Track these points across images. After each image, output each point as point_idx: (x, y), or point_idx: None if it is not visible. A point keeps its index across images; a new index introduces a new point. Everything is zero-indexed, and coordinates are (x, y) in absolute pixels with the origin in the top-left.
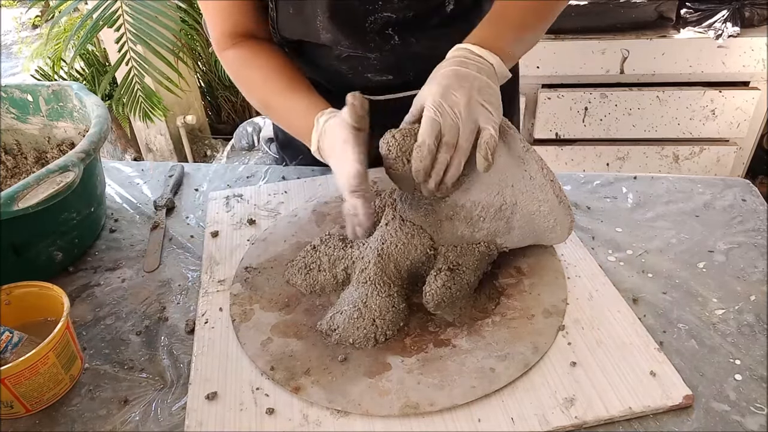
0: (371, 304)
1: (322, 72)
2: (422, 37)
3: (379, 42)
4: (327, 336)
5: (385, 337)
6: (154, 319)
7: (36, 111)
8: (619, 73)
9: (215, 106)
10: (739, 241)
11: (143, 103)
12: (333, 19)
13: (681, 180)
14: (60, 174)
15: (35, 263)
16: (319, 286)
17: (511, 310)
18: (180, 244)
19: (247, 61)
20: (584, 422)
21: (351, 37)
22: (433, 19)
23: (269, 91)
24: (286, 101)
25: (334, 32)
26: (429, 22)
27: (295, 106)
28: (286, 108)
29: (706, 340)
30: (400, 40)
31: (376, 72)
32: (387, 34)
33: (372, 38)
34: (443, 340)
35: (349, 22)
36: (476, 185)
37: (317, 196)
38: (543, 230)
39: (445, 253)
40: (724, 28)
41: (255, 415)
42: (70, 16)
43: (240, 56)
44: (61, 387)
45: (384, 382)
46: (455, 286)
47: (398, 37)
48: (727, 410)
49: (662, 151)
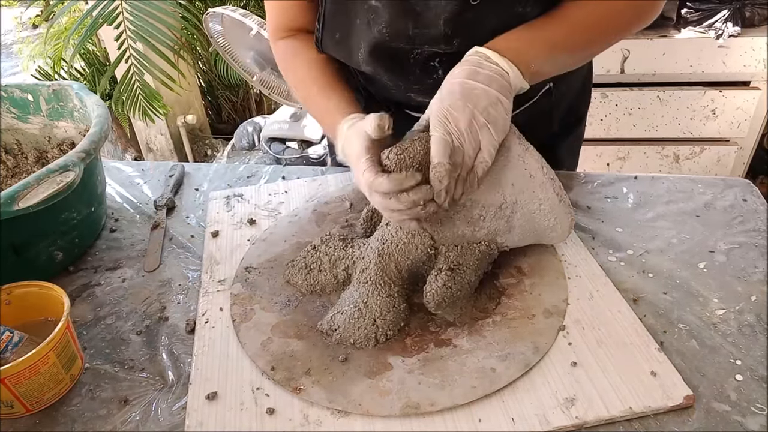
0: (372, 304)
1: (369, 80)
2: None
3: (420, 75)
4: (328, 336)
5: (386, 337)
6: (155, 318)
7: (36, 111)
8: (619, 73)
9: (215, 105)
10: (739, 241)
11: (142, 101)
12: (374, 55)
13: (681, 180)
14: (60, 174)
15: (35, 263)
16: (319, 286)
17: (512, 310)
18: (180, 244)
19: (297, 52)
20: (585, 422)
21: (391, 72)
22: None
23: (310, 84)
24: (322, 99)
25: (374, 66)
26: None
27: (328, 105)
28: (320, 106)
29: (706, 340)
30: (444, 72)
31: (418, 93)
32: (431, 67)
33: (413, 71)
34: (444, 340)
35: (392, 58)
36: None
37: (317, 196)
38: (543, 229)
39: (445, 253)
40: (724, 28)
41: (255, 415)
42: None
43: (290, 47)
44: (62, 387)
45: (385, 382)
46: (456, 286)
47: (442, 71)
48: (728, 410)
49: (663, 151)
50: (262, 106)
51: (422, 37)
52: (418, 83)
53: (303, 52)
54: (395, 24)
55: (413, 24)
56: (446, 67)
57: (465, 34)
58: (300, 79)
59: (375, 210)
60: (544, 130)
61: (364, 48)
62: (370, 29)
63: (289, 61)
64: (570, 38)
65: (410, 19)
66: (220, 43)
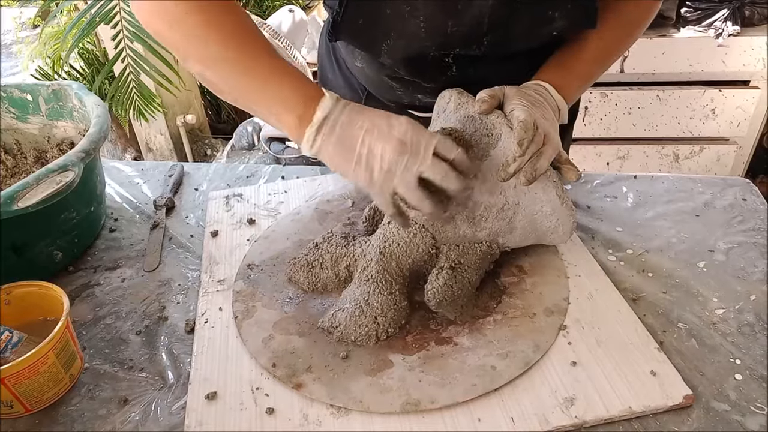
0: (373, 301)
1: (371, 81)
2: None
3: (434, 73)
4: (329, 333)
5: (387, 335)
6: (154, 318)
7: (36, 110)
8: (619, 72)
9: (215, 105)
10: (739, 241)
11: (137, 100)
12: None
13: (681, 179)
14: (60, 173)
15: (35, 263)
16: (321, 283)
17: (513, 309)
18: (180, 244)
19: (228, 9)
20: (584, 422)
21: (413, 67)
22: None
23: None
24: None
25: (398, 60)
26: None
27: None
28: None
29: (706, 339)
30: (458, 71)
31: (426, 94)
32: (445, 64)
33: (428, 68)
34: (445, 338)
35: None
36: (479, 186)
37: (319, 194)
38: (545, 230)
39: (447, 252)
40: (724, 27)
41: (255, 414)
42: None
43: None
44: (61, 387)
45: (385, 380)
46: (457, 285)
47: (456, 68)
48: (728, 410)
49: (662, 150)
50: None
51: (457, 36)
52: (432, 81)
53: (234, 10)
54: (434, 20)
55: (453, 21)
56: (460, 63)
57: (498, 34)
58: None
59: (377, 208)
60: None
61: (393, 39)
62: (406, 22)
63: (212, 13)
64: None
65: (450, 17)
66: None
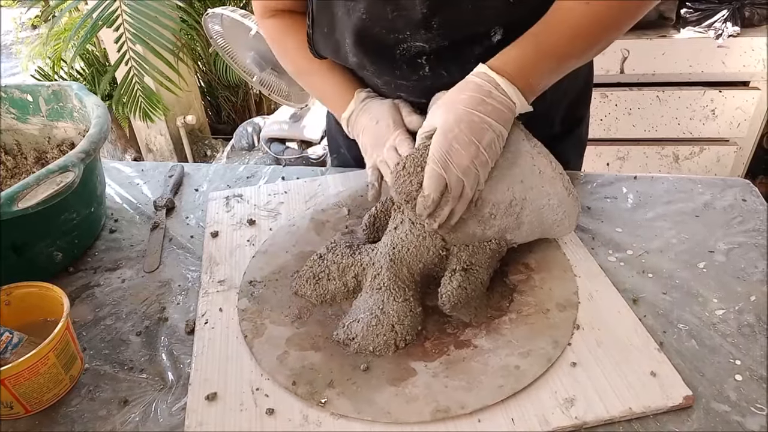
0: (388, 310)
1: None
2: (456, 69)
3: (407, 71)
4: (345, 345)
5: (405, 343)
6: (154, 319)
7: (36, 111)
8: (619, 73)
9: (215, 106)
10: (739, 241)
11: (143, 102)
12: (359, 45)
13: (681, 180)
14: (60, 174)
15: (35, 263)
16: (329, 295)
17: (526, 306)
18: (180, 245)
19: (286, 29)
20: (584, 422)
21: (377, 64)
22: (475, 49)
23: (303, 57)
24: (326, 71)
25: (360, 57)
26: (471, 51)
27: (334, 79)
28: (325, 78)
29: (706, 340)
30: (430, 71)
31: (409, 93)
32: (418, 64)
33: (399, 66)
34: (463, 342)
35: (376, 50)
36: (486, 183)
37: (312, 204)
38: (551, 223)
39: (457, 254)
40: (724, 28)
41: (255, 415)
42: (71, 16)
43: (279, 25)
44: (61, 387)
45: (411, 388)
46: (470, 286)
47: (429, 68)
48: (728, 411)
49: (662, 151)
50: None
51: (401, 21)
52: (404, 79)
53: (291, 28)
54: (374, 9)
55: (392, 8)
56: (433, 64)
57: (444, 15)
58: (292, 53)
59: (377, 215)
60: (542, 132)
61: (348, 38)
62: (350, 17)
63: (280, 36)
64: (572, 45)
65: (388, 3)
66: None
